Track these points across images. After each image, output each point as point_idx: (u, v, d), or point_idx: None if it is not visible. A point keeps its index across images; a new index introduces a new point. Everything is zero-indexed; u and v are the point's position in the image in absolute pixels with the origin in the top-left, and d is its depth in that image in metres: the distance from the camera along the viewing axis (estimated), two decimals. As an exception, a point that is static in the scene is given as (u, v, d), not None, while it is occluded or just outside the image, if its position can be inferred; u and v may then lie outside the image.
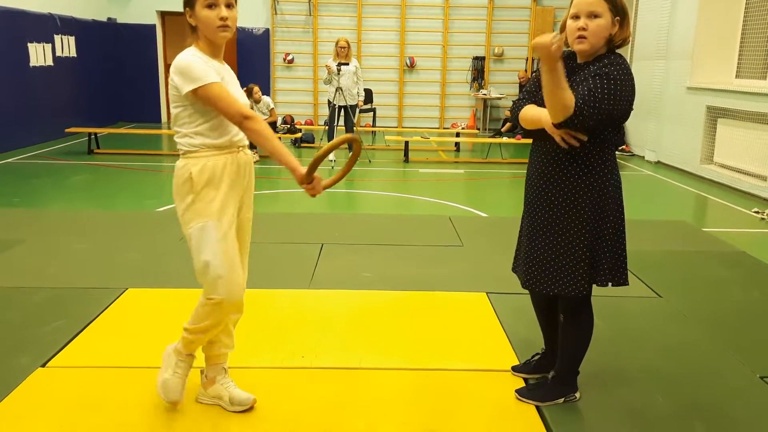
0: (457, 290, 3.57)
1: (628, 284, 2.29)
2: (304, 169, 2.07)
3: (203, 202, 2.09)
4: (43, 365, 2.59)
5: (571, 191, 2.16)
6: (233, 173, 2.12)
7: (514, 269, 2.46)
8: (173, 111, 2.13)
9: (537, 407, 2.37)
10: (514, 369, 2.62)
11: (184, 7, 2.08)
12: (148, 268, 3.80)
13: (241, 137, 2.14)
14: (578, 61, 2.17)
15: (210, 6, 2.03)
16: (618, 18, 2.10)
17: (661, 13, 8.85)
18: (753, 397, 2.50)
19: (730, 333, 3.09)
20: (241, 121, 2.04)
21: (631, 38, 2.17)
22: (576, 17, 2.11)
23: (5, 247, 4.10)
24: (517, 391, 2.44)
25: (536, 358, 2.60)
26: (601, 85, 2.01)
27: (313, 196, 2.15)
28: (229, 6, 2.06)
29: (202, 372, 2.36)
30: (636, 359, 2.79)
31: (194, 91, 2.01)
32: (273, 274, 3.79)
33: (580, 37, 2.10)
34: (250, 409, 2.30)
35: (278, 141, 2.13)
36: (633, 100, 2.10)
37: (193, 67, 2.02)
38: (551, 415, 2.32)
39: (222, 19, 2.03)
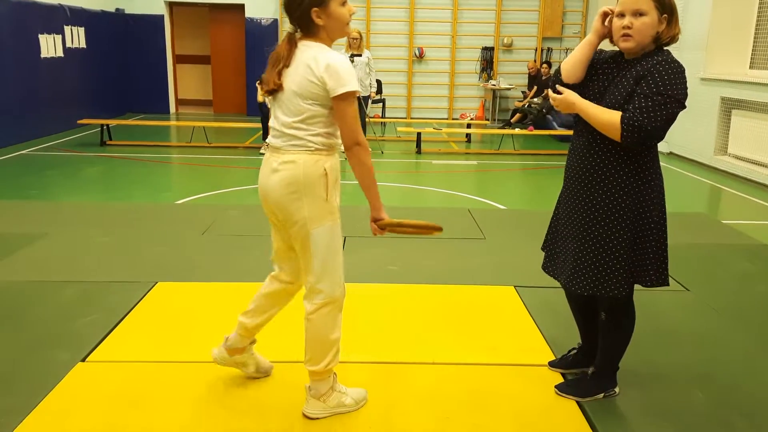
0: (484, 284, 3.58)
1: (668, 284, 2.27)
2: (379, 212, 2.16)
3: (333, 201, 2.10)
4: (83, 360, 2.60)
5: (612, 187, 2.14)
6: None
7: (545, 268, 2.43)
8: (307, 106, 2.04)
9: (578, 402, 2.38)
10: (551, 364, 2.62)
11: (311, 8, 2.02)
12: (175, 261, 3.81)
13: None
14: (625, 57, 2.16)
15: (343, 3, 2.05)
16: (665, 15, 2.07)
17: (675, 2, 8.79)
18: (791, 392, 2.51)
19: (760, 327, 3.09)
20: (353, 142, 2.03)
21: (679, 34, 2.13)
22: (621, 15, 2.10)
23: (29, 241, 4.10)
24: (556, 386, 2.45)
25: (573, 352, 2.60)
26: (650, 105, 2.00)
27: (375, 233, 2.22)
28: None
29: (227, 337, 2.37)
30: (670, 354, 2.79)
31: (338, 96, 2.00)
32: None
33: (625, 35, 2.08)
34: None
35: (374, 178, 2.11)
36: (685, 95, 2.07)
37: (345, 68, 2.01)
38: (593, 410, 2.33)
39: (351, 14, 2.07)
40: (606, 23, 2.17)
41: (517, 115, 10.98)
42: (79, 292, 3.29)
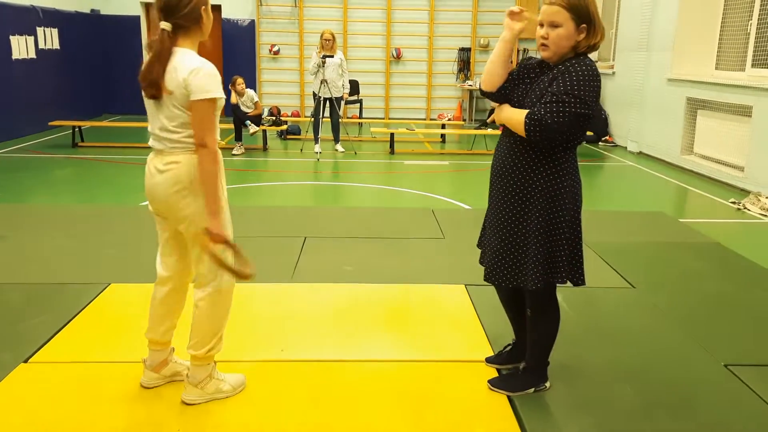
0: (436, 282, 3.64)
1: (585, 284, 2.35)
2: (219, 230, 2.13)
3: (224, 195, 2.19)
4: (26, 361, 2.63)
5: (527, 187, 2.22)
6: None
7: (480, 261, 2.52)
8: (177, 112, 2.11)
9: (508, 397, 2.45)
10: (488, 360, 2.69)
11: (201, 5, 2.12)
12: (130, 263, 3.84)
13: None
14: (550, 63, 2.23)
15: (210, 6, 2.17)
16: (584, 25, 2.13)
17: (643, 5, 8.93)
18: (716, 385, 2.60)
19: (698, 323, 3.18)
20: (200, 143, 2.10)
21: (601, 42, 2.18)
22: (541, 25, 2.18)
23: (-12, 243, 4.12)
24: (489, 381, 2.52)
25: (508, 348, 2.68)
26: (555, 102, 2.07)
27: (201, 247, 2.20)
28: None
29: (145, 360, 2.44)
30: (606, 349, 2.87)
31: (193, 102, 2.07)
32: (257, 268, 3.83)
33: (542, 45, 2.18)
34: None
35: (218, 187, 2.15)
36: (595, 100, 2.13)
37: (209, 72, 2.09)
38: (522, 404, 2.40)
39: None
40: (518, 20, 2.20)
41: (493, 116, 11.06)
42: (30, 294, 3.32)
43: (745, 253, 4.31)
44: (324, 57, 8.18)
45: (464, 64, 12.44)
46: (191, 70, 2.08)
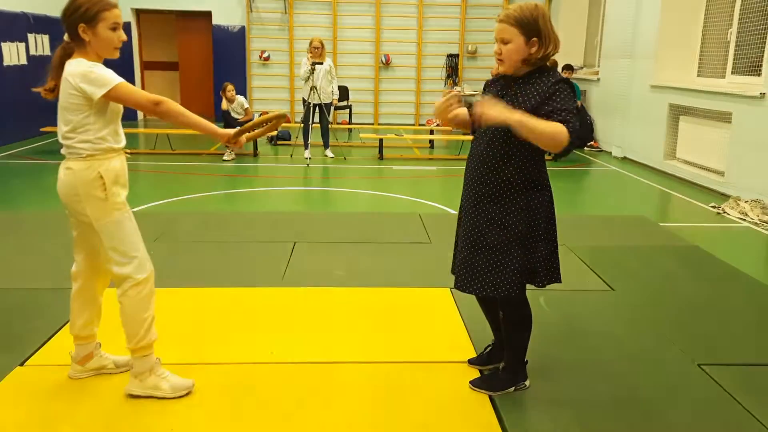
0: (422, 286, 3.74)
1: (560, 281, 2.47)
2: (224, 132, 2.43)
3: (114, 198, 2.32)
4: (21, 364, 2.71)
5: (504, 193, 2.30)
6: (125, 171, 2.41)
7: (452, 270, 2.58)
8: (71, 117, 2.26)
9: (489, 396, 2.55)
10: (471, 362, 2.79)
11: (78, 23, 2.24)
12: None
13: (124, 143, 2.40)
14: (512, 75, 2.32)
15: (114, 29, 2.27)
16: (534, 38, 2.23)
17: (626, 13, 9.11)
18: (689, 384, 2.71)
19: (674, 324, 3.30)
20: (153, 107, 2.28)
21: (555, 51, 2.27)
22: (496, 41, 2.30)
23: (-18, 249, 4.18)
24: (471, 381, 2.62)
25: (488, 350, 2.78)
26: (569, 118, 2.18)
27: (239, 146, 2.50)
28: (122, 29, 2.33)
29: (71, 353, 2.58)
30: (584, 350, 2.98)
31: (106, 95, 2.23)
32: (245, 272, 3.93)
33: (498, 59, 2.29)
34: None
35: (192, 114, 2.35)
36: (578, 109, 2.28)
37: (100, 73, 2.23)
38: (502, 403, 2.50)
39: (120, 41, 2.30)
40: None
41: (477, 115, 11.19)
42: (24, 298, 3.40)
43: (723, 256, 4.45)
44: (314, 64, 8.29)
45: (452, 70, 12.59)
46: (81, 76, 2.22)
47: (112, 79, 2.23)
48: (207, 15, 12.21)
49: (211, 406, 2.45)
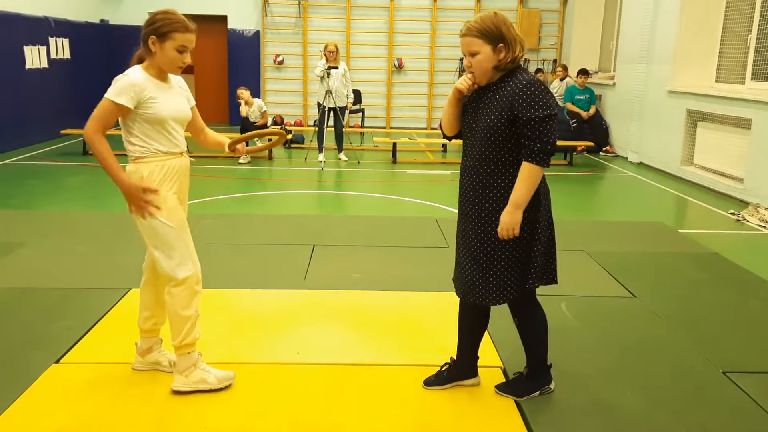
0: (442, 290, 3.75)
1: (557, 282, 2.48)
2: (126, 184, 2.40)
3: (154, 200, 2.41)
4: (57, 362, 2.76)
5: (503, 200, 2.31)
6: (181, 174, 2.50)
7: (454, 279, 2.56)
8: (120, 120, 2.43)
9: (516, 401, 2.57)
10: (426, 383, 2.66)
11: (150, 35, 2.37)
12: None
13: (183, 145, 2.51)
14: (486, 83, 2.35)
15: (180, 51, 2.41)
16: (501, 45, 2.26)
17: (643, 18, 9.09)
18: (715, 391, 2.72)
19: (698, 331, 3.30)
20: (88, 136, 2.37)
21: (522, 52, 2.30)
22: (465, 55, 2.33)
23: (8, 250, 4.25)
24: (496, 386, 2.64)
25: (446, 368, 2.69)
26: (538, 128, 2.21)
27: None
28: (190, 53, 2.45)
29: (137, 344, 2.70)
30: (608, 356, 2.99)
31: (106, 100, 2.36)
32: (268, 274, 3.98)
33: (470, 72, 2.33)
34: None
35: (111, 161, 2.36)
36: (552, 97, 2.28)
37: (119, 82, 2.37)
38: (528, 408, 2.52)
39: (184, 63, 2.44)
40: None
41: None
42: (56, 298, 3.45)
43: (744, 264, 4.44)
44: (329, 68, 8.35)
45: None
46: (116, 78, 2.40)
47: (111, 92, 2.35)
48: (222, 19, 12.31)
49: (245, 406, 2.49)
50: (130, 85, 2.35)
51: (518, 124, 2.24)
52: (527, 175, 2.26)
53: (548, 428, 2.40)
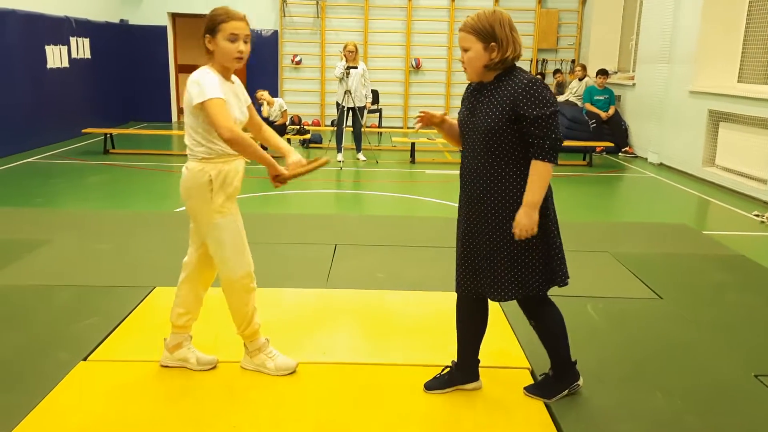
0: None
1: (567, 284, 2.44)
2: (278, 170, 2.47)
3: (218, 202, 2.44)
4: (84, 359, 2.78)
5: (512, 199, 2.28)
6: (240, 175, 2.52)
7: (463, 280, 2.49)
8: (187, 119, 2.43)
9: (545, 403, 2.54)
10: (427, 386, 2.62)
11: (204, 35, 2.41)
12: (173, 267, 3.93)
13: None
14: (484, 82, 2.33)
15: (231, 40, 2.38)
16: (493, 43, 2.24)
17: (664, 17, 9.00)
18: (746, 393, 2.68)
19: (727, 334, 3.26)
20: (225, 135, 2.31)
21: (516, 54, 2.27)
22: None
23: (33, 247, 4.29)
24: (525, 388, 2.61)
25: (446, 371, 2.65)
26: (544, 126, 2.20)
27: (277, 186, 2.57)
28: (246, 41, 2.42)
29: (165, 340, 2.73)
30: (637, 358, 2.96)
31: (199, 105, 2.34)
32: (291, 273, 3.98)
33: (464, 68, 2.33)
34: (215, 367, 2.73)
35: (258, 149, 2.40)
36: (552, 94, 2.27)
37: (206, 83, 2.35)
38: (558, 410, 2.49)
39: (240, 52, 2.40)
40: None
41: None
42: (81, 295, 3.48)
43: (770, 266, 4.38)
44: (348, 68, 8.35)
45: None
46: (190, 81, 2.39)
47: (210, 93, 2.32)
48: (241, 19, 12.36)
49: (274, 406, 2.48)
50: (215, 81, 2.37)
51: (524, 123, 2.22)
52: (540, 174, 2.24)
53: (579, 430, 2.38)
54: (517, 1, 12.07)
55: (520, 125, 2.23)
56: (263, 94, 8.71)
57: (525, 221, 2.24)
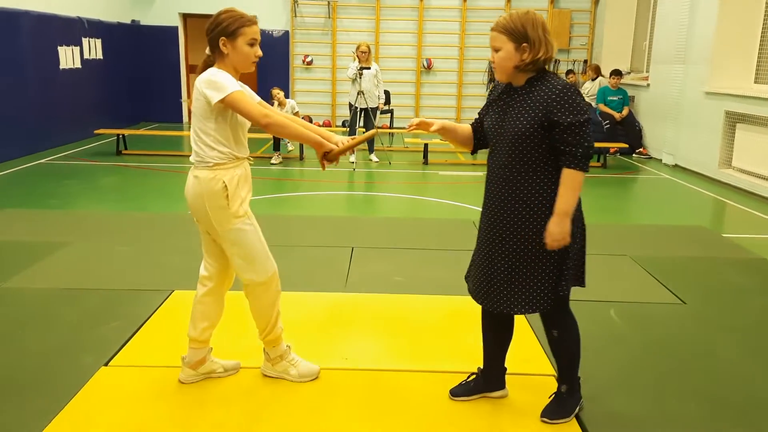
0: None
1: (585, 285, 2.40)
2: (328, 145, 2.43)
3: (234, 207, 2.39)
4: (106, 364, 2.76)
5: (542, 206, 2.23)
6: (250, 178, 2.49)
7: (476, 293, 2.45)
8: (198, 123, 2.37)
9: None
10: (453, 393, 2.60)
11: (219, 37, 2.34)
12: (191, 270, 3.93)
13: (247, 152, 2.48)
14: (514, 86, 2.29)
15: (251, 44, 2.37)
16: (525, 44, 2.19)
17: (679, 17, 8.92)
18: (778, 402, 2.63)
19: (754, 339, 3.21)
20: (261, 119, 2.32)
21: (549, 56, 2.23)
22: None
23: (52, 249, 4.29)
24: (542, 414, 2.47)
25: (472, 378, 2.62)
26: (576, 134, 2.16)
27: (325, 167, 2.51)
28: (259, 45, 2.41)
29: (183, 358, 2.64)
30: (665, 364, 2.92)
31: (222, 100, 2.29)
32: (310, 276, 3.95)
33: (494, 68, 2.29)
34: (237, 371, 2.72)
35: (297, 127, 2.41)
36: (584, 101, 2.24)
37: (220, 79, 2.31)
38: (587, 417, 2.45)
39: (257, 56, 2.39)
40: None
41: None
42: (102, 299, 3.47)
43: (793, 270, 4.31)
44: (361, 69, 8.33)
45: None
46: (204, 81, 2.32)
47: (230, 86, 2.29)
48: (252, 19, 12.36)
49: (300, 411, 2.46)
50: (230, 77, 2.33)
51: (557, 130, 2.17)
52: (572, 182, 2.19)
53: (609, 440, 2.34)
54: (530, 1, 12.00)
55: (552, 132, 2.19)
56: (279, 93, 8.68)
57: (557, 230, 2.20)
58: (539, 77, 2.24)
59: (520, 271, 2.27)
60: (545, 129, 2.19)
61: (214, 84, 2.29)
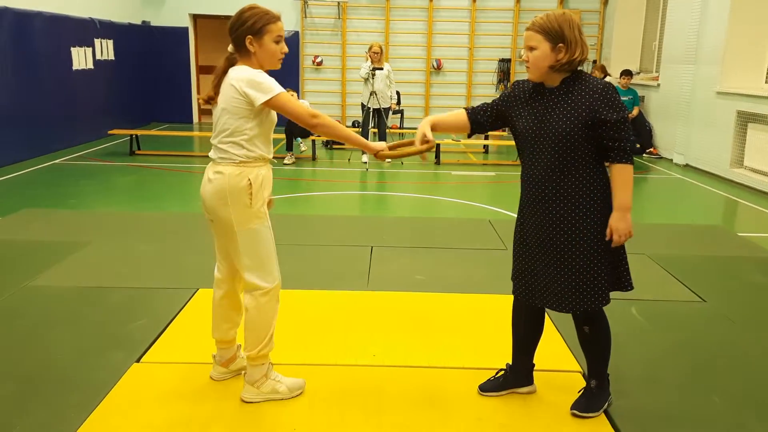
0: (506, 293, 3.72)
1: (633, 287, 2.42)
2: (375, 145, 2.54)
3: (257, 207, 2.38)
4: (137, 361, 2.80)
5: (582, 204, 2.27)
6: (271, 182, 2.47)
7: (521, 296, 2.48)
8: (232, 122, 2.32)
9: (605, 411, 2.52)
10: (482, 388, 2.63)
11: (246, 35, 2.33)
12: (212, 270, 3.99)
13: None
14: (546, 86, 2.31)
15: (277, 41, 2.36)
16: (561, 44, 2.21)
17: (690, 17, 8.93)
18: (803, 399, 2.65)
19: (776, 337, 3.23)
20: (310, 120, 2.35)
21: (583, 57, 2.25)
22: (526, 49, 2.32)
23: (75, 248, 4.33)
24: (572, 408, 2.50)
25: (501, 373, 2.65)
26: (619, 130, 2.20)
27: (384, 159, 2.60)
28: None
29: (214, 356, 2.66)
30: (689, 361, 2.94)
31: (268, 102, 2.28)
32: (331, 275, 3.99)
33: (527, 67, 2.30)
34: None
35: (344, 128, 2.50)
36: (624, 105, 2.29)
37: (264, 80, 2.30)
38: (616, 413, 2.47)
39: (283, 53, 2.39)
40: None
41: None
42: (127, 297, 3.51)
43: (810, 269, 4.33)
44: (373, 69, 8.36)
45: (504, 75, 12.52)
46: (247, 81, 2.29)
47: (276, 87, 2.30)
48: (261, 20, 12.40)
49: (331, 406, 2.49)
50: (263, 75, 2.31)
51: (602, 127, 2.21)
52: (625, 176, 2.24)
53: (638, 435, 2.36)
54: (539, 1, 12.02)
55: (597, 130, 2.22)
56: (293, 95, 8.74)
57: (622, 225, 2.25)
58: (574, 77, 2.27)
59: (583, 269, 2.30)
60: (589, 128, 2.22)
61: (259, 85, 2.28)
